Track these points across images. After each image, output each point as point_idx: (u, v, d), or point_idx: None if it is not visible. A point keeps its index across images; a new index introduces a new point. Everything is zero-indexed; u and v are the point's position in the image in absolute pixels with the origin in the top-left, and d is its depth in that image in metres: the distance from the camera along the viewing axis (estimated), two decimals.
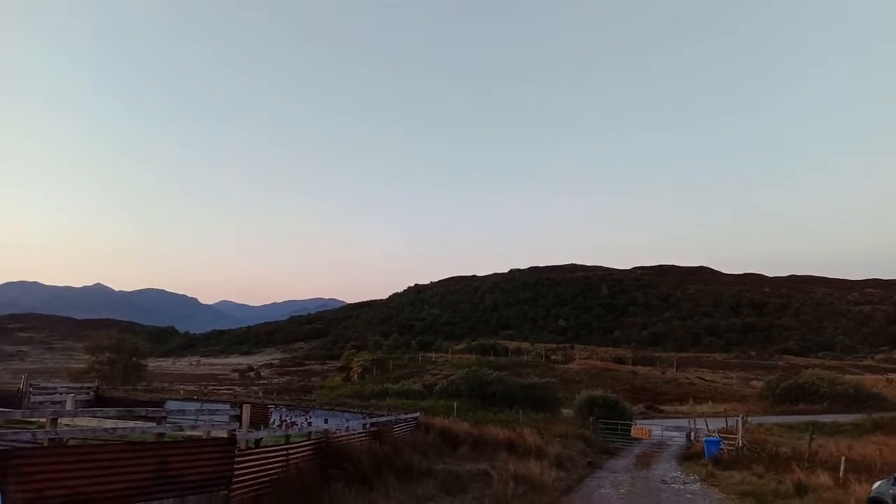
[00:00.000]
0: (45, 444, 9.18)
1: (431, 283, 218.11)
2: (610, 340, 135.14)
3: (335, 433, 14.96)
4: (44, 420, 10.21)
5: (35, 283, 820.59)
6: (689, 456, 25.17)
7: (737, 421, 25.71)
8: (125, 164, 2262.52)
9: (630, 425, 33.42)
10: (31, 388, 33.29)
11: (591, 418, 32.83)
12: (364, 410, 30.42)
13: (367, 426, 17.70)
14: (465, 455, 18.81)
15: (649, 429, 33.14)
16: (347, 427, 17.58)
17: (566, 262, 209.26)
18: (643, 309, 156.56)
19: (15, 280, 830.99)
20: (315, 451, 13.08)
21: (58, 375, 68.74)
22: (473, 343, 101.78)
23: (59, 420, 10.87)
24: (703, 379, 70.47)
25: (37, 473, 7.68)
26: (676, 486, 17.23)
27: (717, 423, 31.53)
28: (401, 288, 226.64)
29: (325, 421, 25.42)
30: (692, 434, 30.30)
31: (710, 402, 53.24)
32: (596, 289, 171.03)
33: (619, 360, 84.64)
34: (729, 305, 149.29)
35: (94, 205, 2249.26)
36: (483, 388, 42.82)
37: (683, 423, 35.95)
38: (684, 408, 51.33)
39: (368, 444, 15.20)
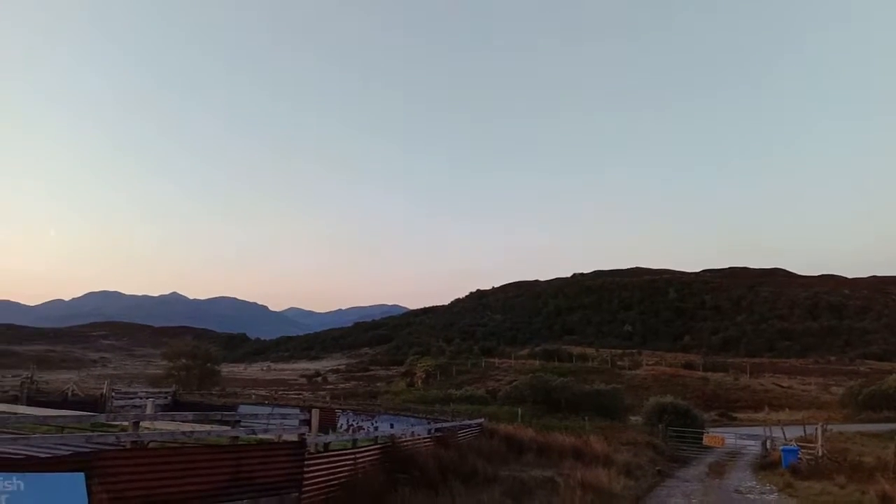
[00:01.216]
0: (128, 446, 9.63)
1: (493, 288, 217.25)
2: (679, 346, 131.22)
3: (401, 438, 15.14)
4: (126, 423, 10.74)
5: (116, 293, 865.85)
6: (765, 465, 24.17)
7: (816, 429, 24.50)
8: (199, 178, 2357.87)
9: (701, 433, 32.30)
10: (113, 393, 35.13)
11: (660, 426, 31.96)
12: (428, 416, 30.63)
13: (432, 431, 17.82)
14: (531, 462, 18.66)
15: (722, 437, 31.94)
16: (413, 432, 17.72)
17: (631, 266, 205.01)
18: (713, 313, 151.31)
19: (98, 290, 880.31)
20: (381, 455, 13.28)
21: (138, 381, 72.15)
22: (537, 348, 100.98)
23: (141, 423, 11.40)
24: (779, 385, 67.61)
25: (120, 474, 8.08)
26: (752, 497, 16.58)
27: (794, 431, 30.14)
28: (463, 293, 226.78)
29: (391, 426, 25.72)
30: (768, 442, 29.09)
31: (787, 410, 51.17)
32: (663, 292, 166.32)
33: (689, 366, 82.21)
34: (805, 308, 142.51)
35: (170, 217, 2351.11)
36: (548, 394, 42.35)
37: (758, 431, 34.57)
38: (759, 415, 49.57)
39: (433, 449, 15.30)
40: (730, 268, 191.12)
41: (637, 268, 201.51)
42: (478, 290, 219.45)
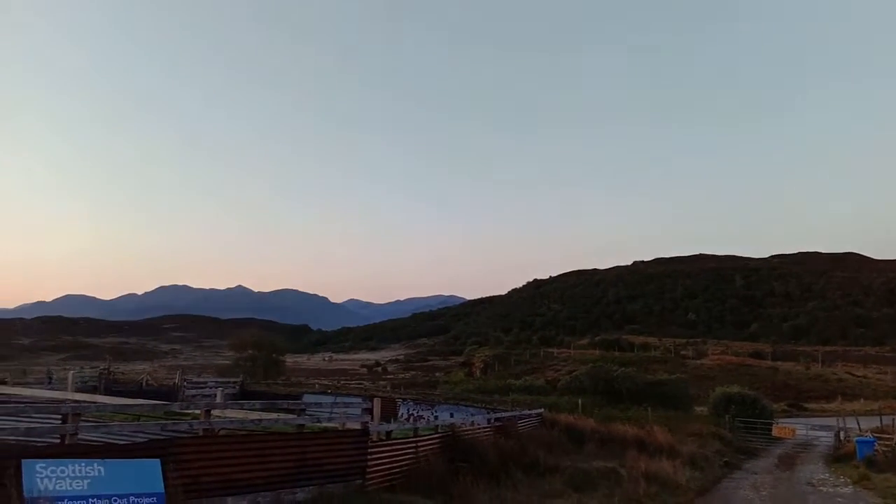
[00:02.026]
0: (200, 433, 10.02)
1: (551, 277, 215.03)
2: (746, 334, 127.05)
3: (461, 427, 15.23)
4: (198, 412, 11.17)
5: (185, 287, 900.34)
6: (839, 457, 23.23)
7: (893, 419, 23.37)
8: (265, 176, 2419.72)
9: (771, 424, 31.32)
10: (185, 383, 36.67)
11: (727, 416, 31.11)
12: (487, 405, 30.69)
13: (492, 421, 17.84)
14: (593, 452, 18.45)
15: (793, 428, 30.89)
16: (472, 421, 17.81)
17: (694, 253, 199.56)
18: (783, 300, 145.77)
19: (168, 284, 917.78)
20: (442, 444, 13.38)
21: (207, 371, 74.88)
22: (596, 338, 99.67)
23: (212, 412, 11.84)
24: (853, 374, 64.75)
25: (194, 461, 8.41)
26: (825, 490, 15.95)
27: (870, 422, 28.85)
28: (520, 283, 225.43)
29: (451, 415, 25.91)
30: (842, 434, 27.94)
31: (862, 400, 49.10)
32: (729, 280, 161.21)
33: (758, 355, 79.63)
34: (882, 294, 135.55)
35: (235, 213, 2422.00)
36: (608, 384, 41.85)
37: (831, 421, 33.25)
38: (832, 406, 47.80)
39: (494, 439, 15.32)
40: (800, 253, 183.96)
41: (700, 255, 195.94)
42: (535, 280, 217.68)
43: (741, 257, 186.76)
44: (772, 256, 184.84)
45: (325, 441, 10.43)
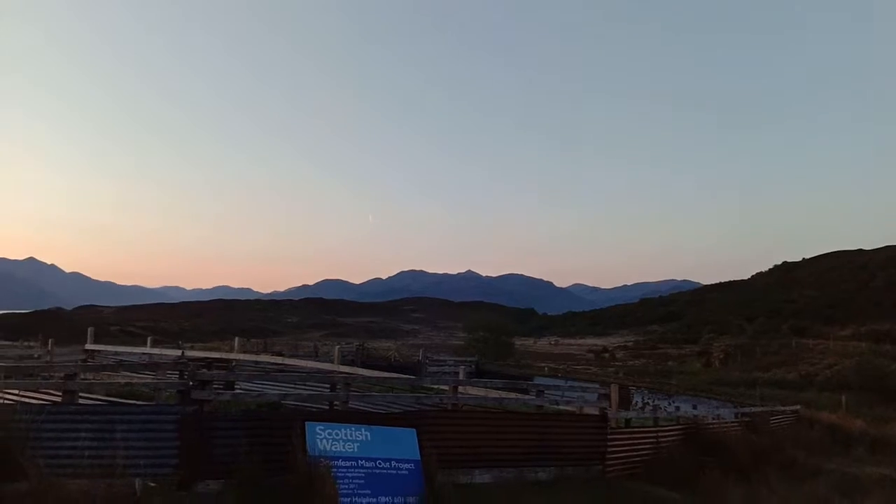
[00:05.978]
0: (449, 407, 10.80)
1: (803, 260, 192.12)
2: None
3: (704, 420, 14.44)
4: (444, 387, 12.03)
5: (421, 272, 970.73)
6: None
7: None
8: (488, 167, 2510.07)
9: None
10: (427, 360, 39.60)
11: None
12: (732, 399, 28.79)
13: (739, 415, 16.65)
14: (862, 457, 16.33)
15: None
16: (717, 415, 16.78)
17: None
18: None
19: (407, 269, 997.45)
20: (684, 436, 12.83)
21: (443, 350, 79.81)
22: (862, 328, 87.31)
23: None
24: None
25: (444, 432, 9.12)
26: None
27: None
28: (765, 267, 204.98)
29: (694, 407, 24.68)
30: None
31: None
32: None
33: None
34: None
35: (465, 204, 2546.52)
36: (880, 381, 36.93)
37: None
38: None
39: (742, 435, 14.28)
40: None
41: None
42: (784, 263, 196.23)
43: None
44: None
45: (564, 424, 10.61)
